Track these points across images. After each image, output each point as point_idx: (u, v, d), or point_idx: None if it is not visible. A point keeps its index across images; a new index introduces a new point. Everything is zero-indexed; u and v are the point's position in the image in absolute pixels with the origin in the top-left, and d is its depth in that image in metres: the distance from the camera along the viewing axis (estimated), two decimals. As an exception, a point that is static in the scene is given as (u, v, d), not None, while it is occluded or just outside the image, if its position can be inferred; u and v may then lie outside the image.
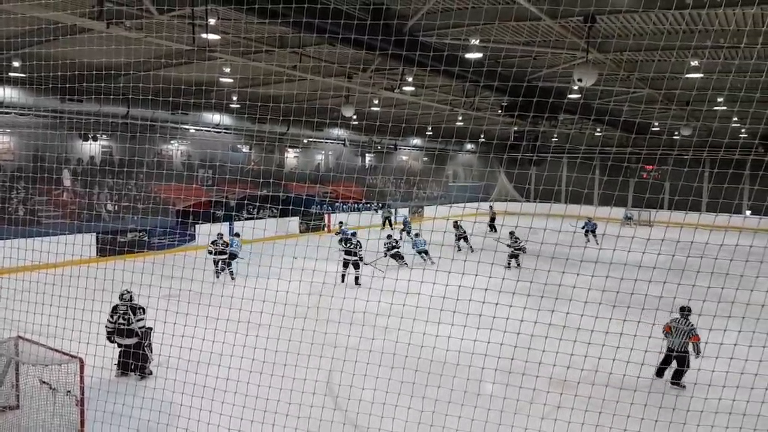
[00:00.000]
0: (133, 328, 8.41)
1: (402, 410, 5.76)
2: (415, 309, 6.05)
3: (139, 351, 8.46)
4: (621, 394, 5.87)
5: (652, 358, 5.87)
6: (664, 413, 5.78)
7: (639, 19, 11.06)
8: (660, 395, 5.63)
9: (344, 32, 8.97)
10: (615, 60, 14.01)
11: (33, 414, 7.01)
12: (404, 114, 21.40)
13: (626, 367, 5.68)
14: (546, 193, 13.24)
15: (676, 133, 25.75)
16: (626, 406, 5.75)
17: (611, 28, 11.91)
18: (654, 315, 5.81)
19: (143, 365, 8.49)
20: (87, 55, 13.15)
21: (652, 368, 5.61)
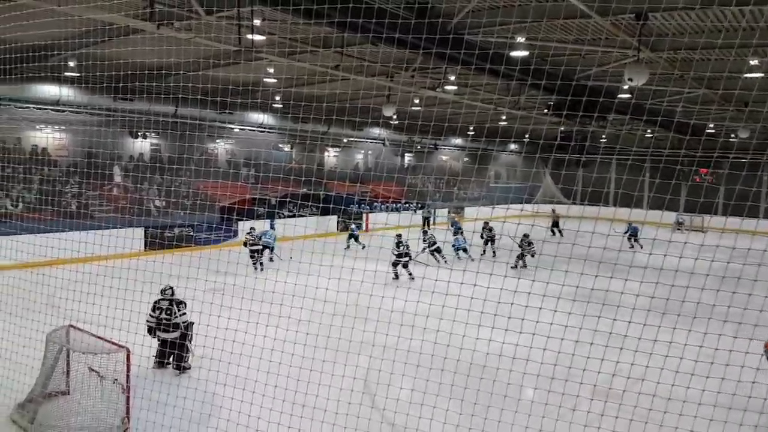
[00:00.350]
0: (176, 322, 8.54)
1: (440, 412, 5.71)
2: (455, 311, 5.99)
3: (181, 345, 8.56)
4: (669, 405, 5.65)
5: (703, 369, 5.63)
6: (715, 427, 5.56)
7: (695, 17, 10.66)
8: (711, 408, 5.39)
9: (388, 32, 8.95)
10: (669, 59, 13.56)
11: (82, 400, 7.25)
12: (446, 113, 21.26)
13: (675, 377, 5.48)
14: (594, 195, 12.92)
15: (733, 136, 24.77)
16: (674, 418, 5.54)
17: (665, 25, 11.52)
18: (706, 324, 5.58)
19: (183, 358, 8.61)
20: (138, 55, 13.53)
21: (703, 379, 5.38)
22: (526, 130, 28.02)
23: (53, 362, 7.42)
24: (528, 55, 12.94)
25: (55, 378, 7.48)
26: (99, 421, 7.04)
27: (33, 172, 19.70)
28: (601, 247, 5.92)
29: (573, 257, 6.16)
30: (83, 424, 6.98)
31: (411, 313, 6.11)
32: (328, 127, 26.34)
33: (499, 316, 5.64)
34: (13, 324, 6.90)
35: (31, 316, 6.90)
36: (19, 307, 7.03)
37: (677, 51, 12.70)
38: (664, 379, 5.67)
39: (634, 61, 11.90)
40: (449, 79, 16.28)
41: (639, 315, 5.75)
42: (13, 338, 6.82)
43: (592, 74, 14.87)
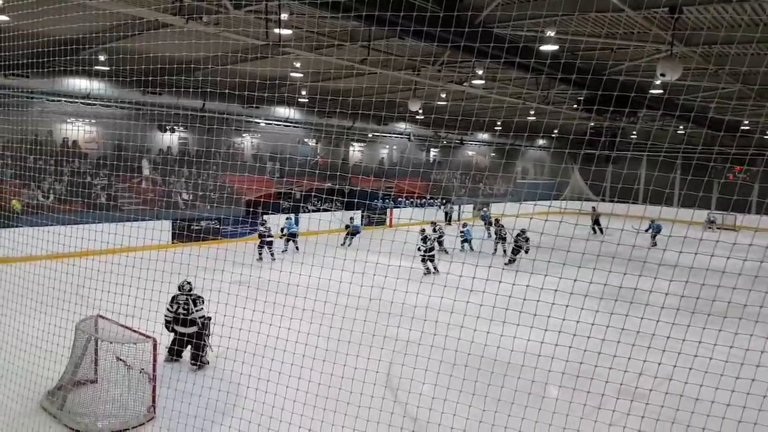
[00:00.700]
0: (193, 317, 8.61)
1: (463, 407, 5.67)
2: (479, 307, 5.94)
3: (198, 341, 8.63)
4: (697, 406, 5.53)
5: (732, 370, 5.49)
6: (743, 428, 5.42)
7: (732, 10, 10.37)
8: (740, 409, 5.26)
9: (415, 25, 8.89)
10: (703, 53, 13.23)
11: (109, 388, 7.39)
12: (473, 108, 21.11)
13: (704, 377, 5.35)
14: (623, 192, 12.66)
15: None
16: (702, 419, 5.42)
17: (700, 19, 11.23)
18: (737, 324, 5.44)
19: (200, 355, 8.67)
20: (167, 49, 13.71)
21: (732, 380, 5.25)
22: (555, 126, 27.66)
23: (82, 351, 7.59)
24: (558, 49, 12.75)
25: (83, 366, 7.65)
26: (125, 410, 7.18)
27: (63, 164, 20.11)
28: (630, 244, 5.81)
29: (601, 255, 6.06)
30: (110, 412, 7.13)
31: (435, 309, 6.08)
32: (353, 122, 26.38)
33: (525, 314, 5.57)
34: (43, 313, 7.04)
35: (61, 306, 7.04)
36: (48, 296, 7.17)
37: (712, 45, 12.39)
38: (692, 380, 5.55)
39: (667, 56, 11.65)
40: (477, 73, 16.14)
41: (668, 314, 5.62)
42: (43, 327, 6.97)
43: (624, 69, 14.61)
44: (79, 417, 7.07)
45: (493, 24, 11.27)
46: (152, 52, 12.91)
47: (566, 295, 5.68)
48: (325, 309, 6.52)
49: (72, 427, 6.96)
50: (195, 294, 8.82)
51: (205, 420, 6.63)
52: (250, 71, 16.83)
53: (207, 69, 17.17)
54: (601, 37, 12.39)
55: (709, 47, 12.55)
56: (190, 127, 23.57)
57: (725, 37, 11.80)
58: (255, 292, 7.01)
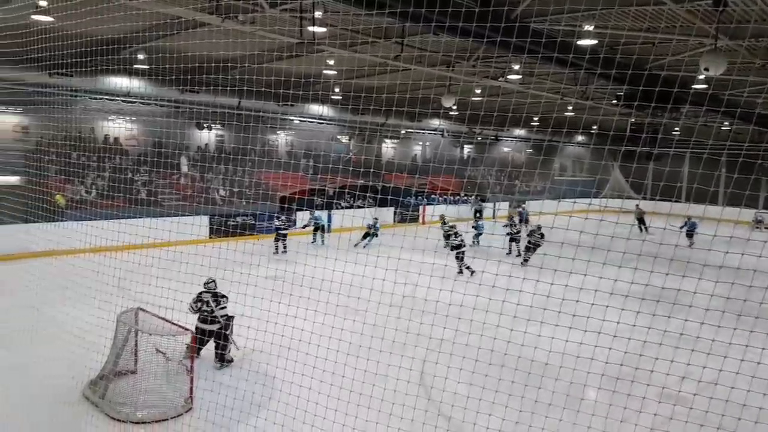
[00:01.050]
0: (216, 315, 8.53)
1: (498, 408, 5.59)
2: (515, 306, 5.85)
3: (218, 340, 8.55)
4: (743, 412, 5.34)
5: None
6: (793, 436, 5.23)
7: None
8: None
9: (450, 21, 8.79)
10: (749, 47, 12.77)
11: (149, 379, 7.54)
12: (509, 103, 20.84)
13: (751, 382, 5.17)
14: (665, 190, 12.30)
15: (819, 129, 23.19)
16: (749, 426, 5.24)
17: (746, 12, 10.83)
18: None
19: (224, 354, 8.61)
20: (204, 48, 13.87)
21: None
22: (594, 122, 27.13)
23: (123, 342, 7.76)
24: (597, 44, 12.47)
25: (124, 357, 7.82)
26: (164, 400, 7.31)
27: (105, 160, 20.63)
28: (671, 243, 5.64)
29: (642, 254, 5.90)
30: (149, 402, 7.27)
31: (469, 308, 6.01)
32: (386, 119, 26.35)
33: (564, 314, 5.46)
34: (87, 305, 7.23)
35: (103, 298, 7.21)
36: (91, 289, 7.36)
37: (759, 39, 11.94)
38: (738, 385, 5.36)
39: (711, 50, 11.26)
40: (513, 68, 15.93)
41: (712, 316, 5.45)
42: (87, 318, 7.16)
43: (666, 64, 14.21)
44: (119, 406, 7.23)
45: (530, 18, 11.09)
46: (190, 51, 13.08)
47: (606, 296, 5.55)
48: (359, 305, 6.52)
49: (113, 416, 7.11)
50: (220, 292, 8.76)
51: (241, 412, 6.73)
52: (285, 69, 16.97)
53: (243, 67, 17.35)
54: (641, 31, 12.06)
55: (756, 40, 12.10)
56: (226, 124, 23.90)
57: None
58: (290, 287, 7.07)
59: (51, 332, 7.47)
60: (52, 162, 15.84)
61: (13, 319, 7.94)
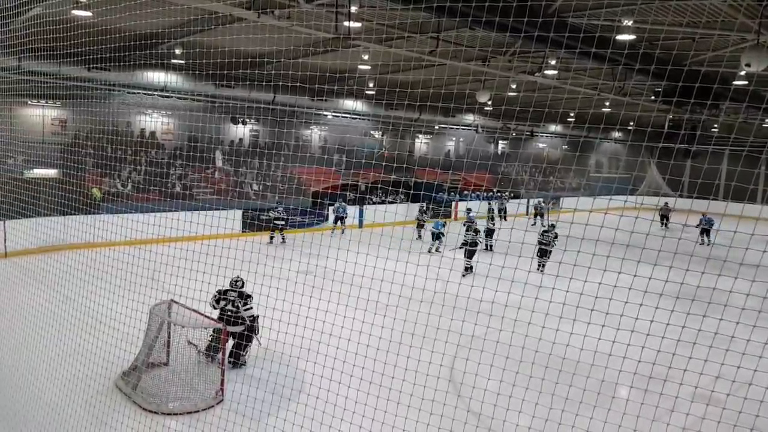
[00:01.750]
0: (241, 315, 8.42)
1: (529, 405, 5.57)
2: (548, 304, 5.80)
3: (240, 341, 8.41)
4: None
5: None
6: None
7: (829, -6, 9.66)
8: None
9: (487, 15, 8.74)
10: (794, 42, 12.37)
11: (180, 371, 7.71)
12: (546, 99, 20.59)
13: (789, 383, 5.04)
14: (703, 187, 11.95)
15: None
16: (786, 429, 5.11)
17: (791, 5, 10.50)
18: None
19: (241, 354, 8.49)
20: (239, 43, 14.07)
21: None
22: (631, 118, 26.64)
23: (155, 334, 7.92)
24: (635, 39, 12.22)
25: (156, 349, 7.99)
26: (195, 392, 7.47)
27: (141, 154, 21.08)
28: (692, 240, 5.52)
29: (678, 252, 5.78)
30: (180, 394, 7.43)
31: (501, 304, 5.98)
32: (420, 114, 26.28)
33: (596, 312, 5.40)
34: (120, 296, 7.39)
35: (136, 290, 7.37)
36: (125, 280, 7.50)
37: (805, 33, 11.55)
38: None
39: (754, 45, 10.96)
40: (550, 63, 15.73)
41: (748, 316, 5.33)
42: (120, 309, 7.31)
43: (706, 59, 13.86)
44: (151, 398, 7.40)
45: (568, 13, 10.94)
46: (226, 46, 13.30)
47: (640, 294, 5.46)
48: (390, 301, 6.54)
49: (144, 407, 7.28)
50: (245, 292, 8.62)
51: (271, 405, 6.83)
52: (319, 64, 17.07)
53: (278, 62, 17.54)
54: (682, 26, 11.79)
55: (802, 35, 11.71)
56: (261, 119, 24.17)
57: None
58: (321, 282, 7.14)
59: (86, 323, 7.67)
60: (89, 155, 16.24)
61: (49, 310, 8.20)
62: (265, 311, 7.44)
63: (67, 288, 8.17)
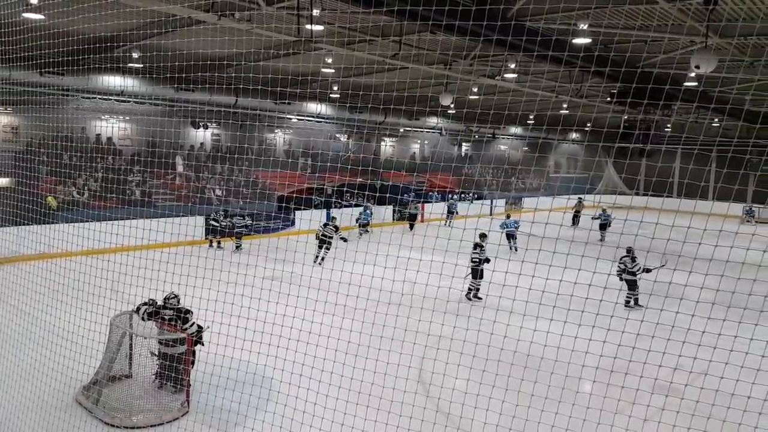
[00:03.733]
0: (182, 337, 7.55)
1: (496, 402, 5.66)
2: (512, 302, 5.91)
3: (178, 364, 7.48)
4: (732, 401, 5.43)
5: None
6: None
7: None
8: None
9: (447, 19, 8.85)
10: (738, 45, 12.91)
11: (144, 383, 7.54)
12: (506, 102, 20.95)
13: (740, 372, 5.25)
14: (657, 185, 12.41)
15: (805, 125, 23.43)
16: (737, 414, 5.32)
17: (735, 10, 10.95)
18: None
19: (181, 377, 7.51)
20: (199, 46, 13.89)
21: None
22: (588, 119, 27.28)
23: (117, 346, 7.71)
24: (591, 42, 12.56)
25: (118, 361, 7.78)
26: (160, 404, 7.31)
27: (98, 161, 20.56)
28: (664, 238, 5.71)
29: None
30: (144, 406, 7.25)
31: (467, 304, 6.07)
32: (385, 117, 26.38)
33: (558, 308, 5.53)
34: (79, 308, 7.16)
35: (96, 301, 7.17)
36: (83, 292, 7.30)
37: (748, 37, 12.08)
38: (727, 375, 5.45)
39: (702, 48, 11.40)
40: (509, 66, 16.02)
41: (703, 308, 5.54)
42: (78, 322, 7.10)
43: (658, 61, 14.33)
44: (114, 411, 7.20)
45: (526, 17, 11.16)
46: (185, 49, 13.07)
47: (599, 290, 5.62)
48: (357, 304, 6.56)
49: (107, 422, 7.08)
50: (183, 307, 7.85)
51: (238, 414, 6.75)
52: (282, 67, 16.97)
53: (239, 65, 17.36)
54: (634, 30, 12.17)
55: (745, 39, 12.25)
56: (222, 123, 23.88)
57: (761, 28, 11.50)
58: (287, 287, 7.10)
59: (43, 338, 7.44)
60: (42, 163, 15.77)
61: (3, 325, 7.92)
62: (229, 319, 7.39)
63: (22, 302, 7.90)
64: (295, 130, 27.46)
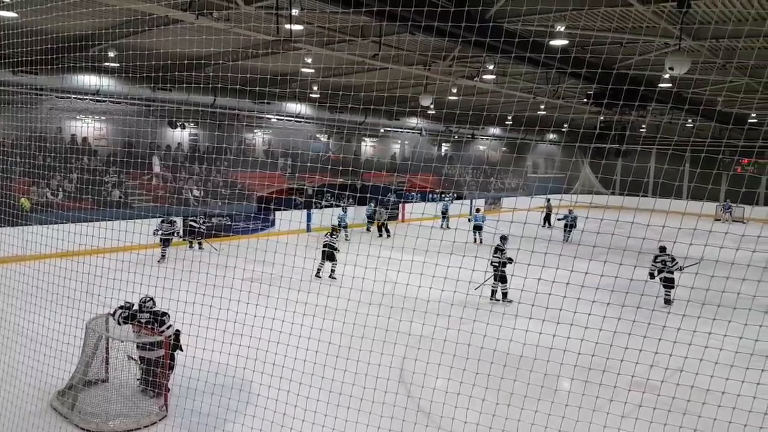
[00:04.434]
0: (160, 340, 7.40)
1: (476, 401, 5.70)
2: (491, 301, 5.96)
3: (156, 367, 7.35)
4: (708, 397, 5.55)
5: (743, 360, 5.50)
6: (753, 418, 5.43)
7: (739, 4, 10.33)
8: (750, 399, 5.28)
9: (426, 20, 8.88)
10: (711, 47, 13.17)
11: (121, 387, 7.42)
12: (484, 103, 21.10)
13: (714, 368, 5.37)
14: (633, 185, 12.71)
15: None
16: (712, 409, 5.43)
17: (708, 13, 11.18)
18: (746, 315, 5.45)
19: (158, 381, 7.33)
20: (177, 45, 13.74)
21: (742, 370, 5.27)
22: (565, 120, 27.61)
23: (93, 350, 7.55)
24: (568, 44, 12.71)
25: (94, 366, 7.63)
26: (138, 408, 7.21)
27: (73, 161, 20.22)
28: (640, 237, 5.81)
29: (612, 248, 6.06)
30: (121, 411, 7.13)
31: (447, 303, 6.10)
32: (365, 117, 26.37)
33: (537, 307, 5.59)
34: (54, 312, 7.03)
35: (71, 305, 7.05)
36: (59, 295, 7.16)
37: (720, 39, 12.32)
38: (702, 371, 5.57)
39: (676, 50, 11.61)
40: (487, 68, 16.14)
41: (678, 305, 5.65)
42: (53, 326, 6.96)
43: (633, 63, 14.56)
44: (90, 417, 7.07)
45: (503, 19, 11.25)
46: (162, 48, 12.95)
47: (577, 288, 5.69)
48: (338, 305, 6.55)
49: (83, 427, 6.95)
50: (160, 310, 7.66)
51: (218, 418, 6.68)
52: (261, 67, 16.87)
53: (218, 65, 17.21)
54: (610, 32, 12.34)
55: (717, 41, 12.48)
56: (200, 123, 23.65)
57: (733, 31, 11.75)
58: (267, 289, 7.06)
59: (17, 342, 7.28)
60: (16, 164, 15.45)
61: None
62: (208, 322, 7.34)
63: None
64: (274, 130, 27.31)
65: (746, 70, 15.30)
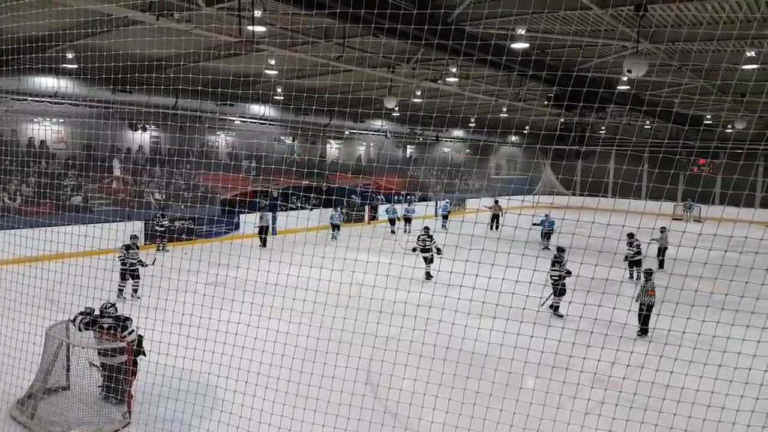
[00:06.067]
0: (122, 346, 7.12)
1: (442, 401, 5.76)
2: (456, 301, 6.03)
3: (119, 374, 7.04)
4: (668, 392, 5.72)
5: (701, 356, 5.69)
6: (712, 412, 5.62)
7: (694, 8, 10.68)
8: (708, 394, 5.46)
9: (389, 23, 8.93)
10: (667, 50, 13.57)
11: (83, 395, 7.23)
12: (448, 105, 21.29)
13: (674, 364, 5.54)
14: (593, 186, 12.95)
15: (730, 127, 24.86)
16: (672, 405, 5.61)
17: (664, 17, 11.53)
18: (704, 312, 5.64)
19: (121, 388, 7.06)
20: (137, 46, 13.49)
21: (700, 366, 5.45)
22: (526, 122, 28.02)
23: (53, 357, 7.36)
24: (529, 47, 12.93)
25: (55, 373, 7.43)
26: (100, 416, 7.04)
27: (31, 165, 19.62)
28: (600, 237, 5.95)
29: (572, 247, 6.19)
30: (84, 419, 6.97)
31: (413, 304, 6.14)
32: (330, 119, 26.30)
33: (501, 306, 5.68)
34: (12, 319, 6.85)
35: (30, 311, 6.87)
36: (17, 302, 6.98)
37: (676, 42, 12.72)
38: (662, 367, 5.73)
39: (633, 53, 11.94)
40: (450, 71, 16.29)
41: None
42: (11, 334, 6.78)
43: (592, 66, 14.90)
44: (51, 425, 6.88)
45: (465, 22, 11.38)
46: (122, 49, 12.69)
47: (540, 287, 5.80)
48: (304, 308, 6.54)
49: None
50: (122, 315, 7.46)
51: (182, 424, 6.59)
52: (223, 68, 16.67)
53: (179, 66, 16.92)
54: (570, 35, 12.60)
55: (673, 44, 12.87)
56: (162, 125, 23.22)
57: (688, 34, 12.12)
58: (232, 293, 6.99)
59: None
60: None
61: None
62: (171, 327, 7.25)
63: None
64: (238, 132, 27.00)
65: (701, 72, 15.81)
